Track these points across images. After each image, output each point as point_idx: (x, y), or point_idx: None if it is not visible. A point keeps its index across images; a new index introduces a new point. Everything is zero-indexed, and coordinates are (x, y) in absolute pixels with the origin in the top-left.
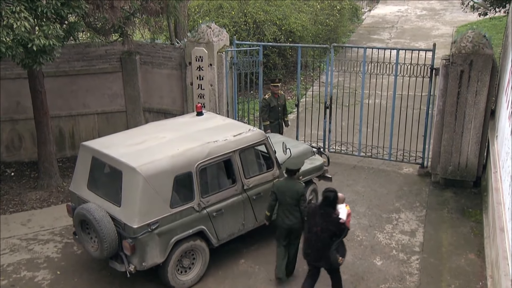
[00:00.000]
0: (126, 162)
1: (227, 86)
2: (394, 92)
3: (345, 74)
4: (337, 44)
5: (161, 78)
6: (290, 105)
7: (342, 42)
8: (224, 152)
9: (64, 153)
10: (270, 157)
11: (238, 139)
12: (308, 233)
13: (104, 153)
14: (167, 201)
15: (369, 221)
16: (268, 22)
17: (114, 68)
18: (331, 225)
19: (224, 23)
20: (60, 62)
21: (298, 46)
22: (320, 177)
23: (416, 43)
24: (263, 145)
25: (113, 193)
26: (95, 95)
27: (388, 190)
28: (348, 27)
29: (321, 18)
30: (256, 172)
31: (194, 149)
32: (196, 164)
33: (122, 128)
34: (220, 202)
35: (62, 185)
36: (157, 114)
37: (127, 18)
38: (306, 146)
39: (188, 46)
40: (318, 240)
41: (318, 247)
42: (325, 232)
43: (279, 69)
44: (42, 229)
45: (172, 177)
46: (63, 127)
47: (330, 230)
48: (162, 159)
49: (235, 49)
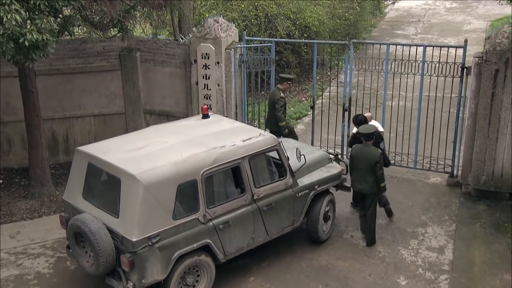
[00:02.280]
0: (125, 169)
1: (235, 86)
2: (420, 94)
3: (366, 74)
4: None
5: (163, 77)
6: (305, 107)
7: (362, 38)
8: (232, 159)
9: (57, 158)
10: (283, 164)
11: (247, 144)
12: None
13: (101, 159)
14: (170, 212)
15: (392, 236)
16: (281, 16)
17: (113, 66)
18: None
19: (233, 17)
20: (53, 59)
21: (314, 42)
22: (338, 187)
23: (445, 39)
24: (275, 151)
25: (110, 203)
26: (91, 96)
27: (413, 202)
28: (370, 21)
29: (340, 12)
30: (267, 181)
31: (199, 155)
32: (201, 171)
33: (121, 132)
34: (227, 214)
35: (54, 194)
36: (159, 116)
37: (127, 11)
38: (322, 153)
39: (194, 42)
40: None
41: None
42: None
43: (293, 68)
44: (32, 242)
45: (175, 186)
46: (57, 130)
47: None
48: (164, 166)
49: (244, 46)
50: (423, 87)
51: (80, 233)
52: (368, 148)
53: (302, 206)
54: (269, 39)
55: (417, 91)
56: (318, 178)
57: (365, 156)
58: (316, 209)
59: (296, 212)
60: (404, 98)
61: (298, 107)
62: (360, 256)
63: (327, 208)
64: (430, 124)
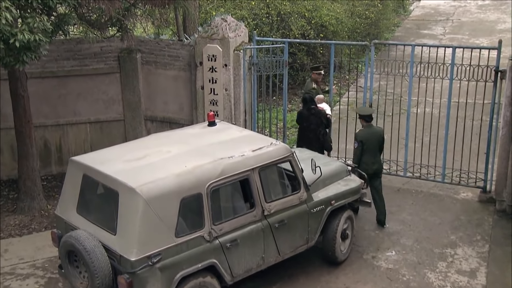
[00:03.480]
0: (124, 181)
1: (245, 91)
2: (449, 99)
3: (388, 77)
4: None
5: (166, 80)
6: None
7: (384, 38)
8: (240, 170)
9: (49, 169)
10: (296, 177)
11: (257, 154)
12: (305, 131)
13: (98, 170)
14: (172, 228)
15: (417, 258)
16: (295, 14)
17: (111, 69)
18: (322, 117)
19: (243, 15)
20: (46, 61)
21: (331, 43)
22: (357, 202)
23: (476, 40)
24: (287, 162)
25: (107, 219)
26: (87, 101)
27: (441, 220)
28: (393, 20)
29: (360, 10)
30: (279, 195)
31: (204, 166)
32: (207, 184)
33: (120, 140)
34: (235, 231)
35: (46, 208)
36: (161, 123)
37: (127, 9)
38: (340, 164)
39: (199, 43)
40: (313, 133)
41: (310, 138)
42: (319, 125)
43: (308, 71)
44: (21, 262)
45: (178, 200)
46: (49, 138)
47: (322, 122)
48: (166, 178)
49: (255, 47)
50: (452, 93)
51: (74, 252)
52: (374, 128)
53: (317, 223)
54: (282, 40)
55: (446, 97)
56: (335, 192)
57: (375, 135)
58: (333, 227)
59: (311, 229)
60: (431, 105)
61: None
62: (381, 280)
63: (345, 226)
64: (459, 134)
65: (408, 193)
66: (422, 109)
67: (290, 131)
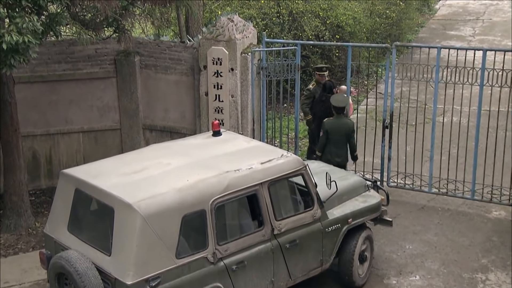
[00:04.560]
0: (120, 197)
1: (253, 98)
2: (479, 108)
3: (411, 83)
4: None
5: (167, 86)
6: None
7: (407, 40)
8: (248, 185)
9: (38, 183)
10: (310, 192)
11: (267, 167)
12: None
13: (91, 184)
14: (173, 249)
15: (444, 283)
16: (308, 13)
17: (107, 73)
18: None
19: (251, 14)
20: (36, 64)
21: (348, 45)
22: (377, 221)
23: (509, 42)
24: (300, 176)
25: (101, 238)
26: (80, 108)
27: (470, 241)
28: (416, 19)
29: (380, 8)
30: (291, 212)
31: (208, 180)
32: (211, 200)
33: (116, 151)
34: (242, 252)
35: (34, 226)
36: (161, 133)
37: (125, 8)
38: (358, 179)
39: (203, 44)
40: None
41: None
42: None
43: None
44: (6, 285)
45: (180, 217)
46: (38, 149)
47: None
48: (166, 193)
49: (264, 49)
50: (482, 100)
51: (64, 274)
52: (343, 119)
53: (332, 244)
54: (294, 42)
55: (475, 105)
56: (353, 209)
57: (341, 127)
58: (350, 248)
59: (325, 250)
60: (459, 113)
61: None
62: None
63: (363, 247)
64: (491, 145)
65: (433, 211)
66: (449, 118)
67: (302, 142)
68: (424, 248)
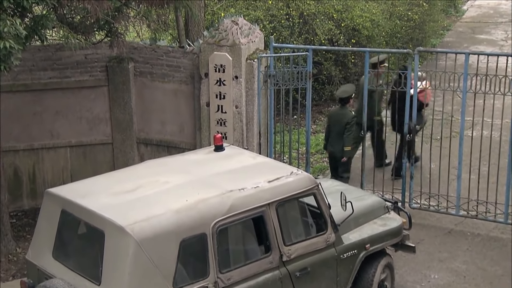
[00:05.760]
0: (111, 219)
1: (259, 109)
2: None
3: (436, 93)
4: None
5: (164, 95)
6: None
7: (431, 45)
8: (254, 206)
9: (20, 204)
10: (322, 214)
11: (274, 186)
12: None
13: (79, 205)
14: (169, 277)
15: None
16: (321, 15)
17: (97, 81)
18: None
19: (257, 17)
20: (19, 71)
21: (365, 50)
22: (398, 246)
23: None
24: (311, 196)
25: (90, 265)
26: (68, 120)
27: (504, 270)
28: (441, 22)
29: (401, 10)
30: (301, 237)
31: (210, 201)
32: (212, 222)
33: (107, 168)
34: (247, 281)
35: (15, 252)
36: (157, 147)
37: (118, 9)
38: (377, 199)
39: (205, 50)
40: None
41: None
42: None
43: (336, 84)
44: None
45: (177, 242)
46: (20, 165)
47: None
48: (163, 215)
49: (272, 55)
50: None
51: None
52: (344, 110)
53: (348, 272)
54: (305, 47)
55: (508, 117)
56: (371, 233)
57: (339, 118)
58: (367, 277)
59: (340, 279)
60: (490, 126)
61: None
62: None
63: (383, 276)
64: None
65: (462, 236)
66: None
67: (314, 158)
68: (451, 278)
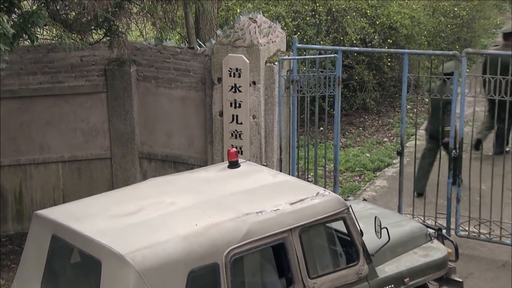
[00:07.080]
0: (109, 246)
1: (280, 119)
2: None
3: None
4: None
5: (171, 103)
6: (388, 153)
7: (481, 46)
8: (274, 232)
9: (4, 228)
10: (353, 242)
11: (298, 209)
12: None
13: (72, 230)
14: None
15: None
16: (352, 12)
17: (94, 87)
18: None
19: (279, 13)
20: (5, 75)
21: (404, 52)
22: (443, 281)
23: None
24: (340, 221)
25: None
26: (60, 131)
27: None
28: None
29: (446, 5)
30: (329, 268)
31: (223, 225)
32: (226, 250)
33: (104, 187)
34: None
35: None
36: (163, 163)
37: (119, 5)
38: (417, 225)
39: (218, 51)
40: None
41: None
42: None
43: (370, 91)
44: None
45: (185, 273)
46: (5, 183)
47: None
48: (168, 241)
49: (295, 57)
50: None
51: None
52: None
53: None
54: (334, 48)
55: None
56: (410, 265)
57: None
58: None
59: None
60: None
61: (377, 152)
62: None
63: None
64: None
65: None
66: None
67: (343, 176)
68: None
